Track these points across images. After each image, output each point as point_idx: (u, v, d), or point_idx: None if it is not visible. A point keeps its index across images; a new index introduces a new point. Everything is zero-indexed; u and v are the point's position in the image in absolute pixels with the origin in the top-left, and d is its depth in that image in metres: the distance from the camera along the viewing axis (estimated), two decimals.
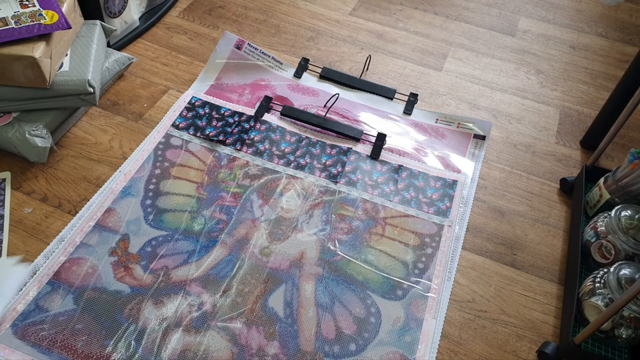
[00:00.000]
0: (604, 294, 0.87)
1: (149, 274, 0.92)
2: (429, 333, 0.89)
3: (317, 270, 0.95)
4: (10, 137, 1.02)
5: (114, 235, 0.96)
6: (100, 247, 0.95)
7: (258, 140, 1.15)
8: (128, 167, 1.07)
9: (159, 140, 1.13)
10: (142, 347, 0.83)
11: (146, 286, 0.90)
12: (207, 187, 1.06)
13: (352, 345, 0.87)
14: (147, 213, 1.00)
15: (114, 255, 0.94)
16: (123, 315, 0.86)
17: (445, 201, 1.08)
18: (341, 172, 1.11)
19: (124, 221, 0.98)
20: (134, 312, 0.87)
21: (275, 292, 0.92)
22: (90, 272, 0.91)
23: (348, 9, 1.56)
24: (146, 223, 0.99)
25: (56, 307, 0.86)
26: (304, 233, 1.00)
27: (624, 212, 0.95)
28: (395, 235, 1.02)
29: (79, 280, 0.90)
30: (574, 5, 1.69)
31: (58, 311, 0.86)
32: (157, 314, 0.87)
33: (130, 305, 0.88)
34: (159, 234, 0.98)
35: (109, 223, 0.98)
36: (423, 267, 0.98)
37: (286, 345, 0.86)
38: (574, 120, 1.31)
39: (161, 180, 1.06)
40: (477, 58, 1.45)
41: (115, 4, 1.29)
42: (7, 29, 0.97)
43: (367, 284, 0.94)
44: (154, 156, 1.10)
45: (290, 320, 0.89)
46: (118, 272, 0.92)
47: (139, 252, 0.95)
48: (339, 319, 0.90)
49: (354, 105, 1.27)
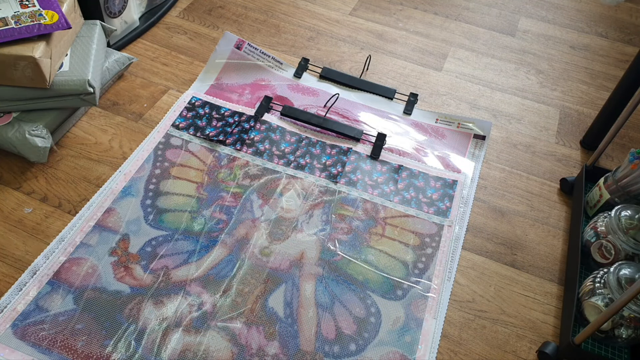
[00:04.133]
0: (604, 294, 0.87)
1: (149, 274, 0.92)
2: (429, 333, 0.89)
3: (317, 270, 0.95)
4: (10, 137, 1.02)
5: (114, 235, 0.96)
6: (100, 247, 0.95)
7: (258, 140, 1.15)
8: (128, 167, 1.07)
9: (158, 140, 1.13)
10: (142, 347, 0.83)
11: (146, 286, 0.90)
12: (207, 187, 1.06)
13: (352, 345, 0.87)
14: (147, 213, 1.00)
15: (114, 255, 0.94)
16: (123, 315, 0.86)
17: (445, 201, 1.08)
18: (341, 172, 1.11)
19: (124, 221, 0.98)
20: (134, 312, 0.87)
21: (275, 292, 0.92)
22: (90, 272, 0.91)
23: (348, 9, 1.56)
24: (146, 223, 0.99)
25: (56, 307, 0.86)
26: (304, 233, 1.00)
27: (624, 212, 0.95)
28: (395, 235, 1.02)
29: (79, 281, 0.90)
30: (574, 5, 1.69)
31: (58, 311, 0.86)
32: (157, 314, 0.87)
33: (130, 305, 0.88)
34: (159, 234, 0.98)
35: (109, 223, 0.98)
36: (423, 267, 0.98)
37: (286, 345, 0.86)
38: (574, 120, 1.31)
39: (161, 180, 1.06)
40: (477, 58, 1.45)
41: (115, 4, 1.29)
42: (7, 29, 0.97)
43: (367, 284, 0.94)
44: (154, 156, 1.10)
45: (290, 320, 0.89)
46: (118, 272, 0.92)
47: (139, 252, 0.95)
48: (339, 319, 0.90)
49: (354, 105, 1.27)
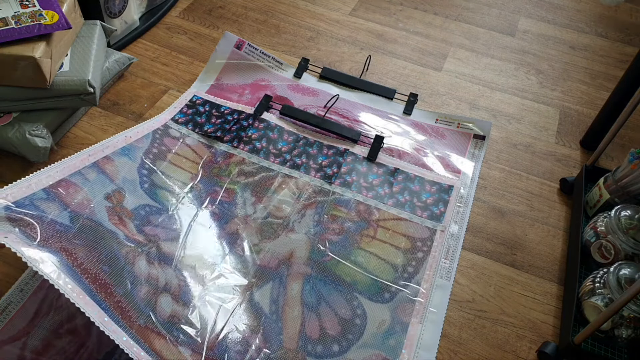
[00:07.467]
0: (603, 294, 0.87)
1: (142, 234, 0.90)
2: (414, 338, 0.88)
3: (305, 270, 0.95)
4: (10, 137, 1.02)
5: (110, 182, 0.95)
6: (96, 185, 0.92)
7: (255, 138, 1.15)
8: (130, 133, 1.07)
9: (157, 127, 1.12)
10: (135, 293, 0.81)
11: (140, 243, 0.89)
12: (202, 179, 1.05)
13: (335, 346, 0.86)
14: (142, 181, 1.00)
15: (109, 201, 0.91)
16: (121, 253, 0.84)
17: (439, 206, 1.07)
18: (337, 173, 1.10)
19: (121, 175, 0.97)
20: (129, 256, 0.85)
21: (262, 288, 0.91)
22: (85, 203, 0.88)
23: (348, 9, 1.57)
24: (141, 188, 0.98)
25: (52, 214, 0.82)
26: (295, 232, 1.00)
27: (623, 212, 0.95)
28: (387, 238, 1.01)
29: (74, 205, 0.86)
30: (574, 5, 1.69)
31: (54, 218, 0.81)
32: (149, 271, 0.86)
33: (126, 249, 0.86)
34: (153, 204, 0.97)
35: (107, 169, 0.97)
36: (412, 271, 0.97)
37: (269, 340, 0.85)
38: (573, 120, 1.31)
39: (157, 159, 1.06)
40: (477, 58, 1.46)
41: (116, 4, 1.29)
42: (7, 29, 0.97)
43: (355, 285, 0.93)
44: (152, 137, 1.09)
45: (275, 317, 0.88)
46: (112, 218, 0.89)
47: (133, 211, 0.93)
48: (324, 319, 0.89)
49: (354, 105, 1.27)
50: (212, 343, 0.82)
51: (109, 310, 0.76)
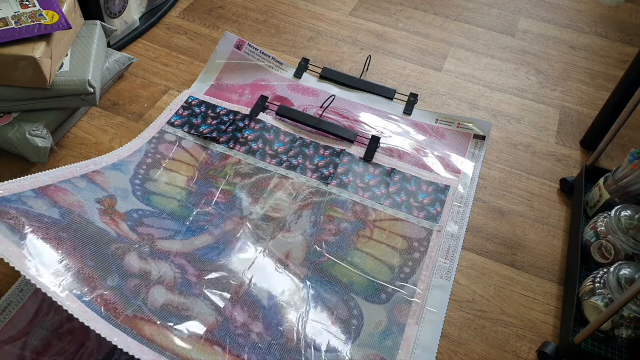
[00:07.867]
0: (603, 294, 0.87)
1: (134, 233, 0.90)
2: (411, 338, 0.88)
3: (302, 271, 0.95)
4: (10, 137, 1.02)
5: (101, 190, 0.94)
6: (86, 191, 0.91)
7: (252, 139, 1.15)
8: (119, 152, 1.07)
9: (152, 135, 1.12)
10: (125, 286, 0.80)
11: (132, 240, 0.88)
12: (198, 181, 1.05)
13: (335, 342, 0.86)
14: (135, 189, 0.99)
15: (101, 205, 0.90)
16: (109, 249, 0.83)
17: (436, 206, 1.07)
18: (333, 173, 1.10)
19: (112, 186, 0.96)
20: (119, 252, 0.84)
21: (259, 286, 0.91)
22: (76, 204, 0.87)
23: (348, 9, 1.57)
24: (134, 195, 0.97)
25: (39, 209, 0.80)
26: (292, 233, 1.00)
27: (623, 212, 0.95)
28: (383, 239, 1.01)
29: (65, 204, 0.85)
30: (574, 5, 1.69)
31: (41, 212, 0.80)
32: (142, 266, 0.84)
33: (116, 245, 0.84)
34: (146, 208, 0.96)
35: (97, 180, 0.96)
36: (409, 272, 0.96)
37: (270, 328, 0.85)
38: (573, 120, 1.31)
39: (151, 168, 1.05)
40: (477, 58, 1.46)
41: (116, 4, 1.29)
42: (7, 29, 0.97)
43: (352, 286, 0.93)
44: (146, 148, 1.09)
45: (273, 310, 0.88)
46: (104, 218, 0.88)
47: (126, 214, 0.92)
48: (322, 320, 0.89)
49: (354, 105, 1.27)
50: (212, 326, 0.82)
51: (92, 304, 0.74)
